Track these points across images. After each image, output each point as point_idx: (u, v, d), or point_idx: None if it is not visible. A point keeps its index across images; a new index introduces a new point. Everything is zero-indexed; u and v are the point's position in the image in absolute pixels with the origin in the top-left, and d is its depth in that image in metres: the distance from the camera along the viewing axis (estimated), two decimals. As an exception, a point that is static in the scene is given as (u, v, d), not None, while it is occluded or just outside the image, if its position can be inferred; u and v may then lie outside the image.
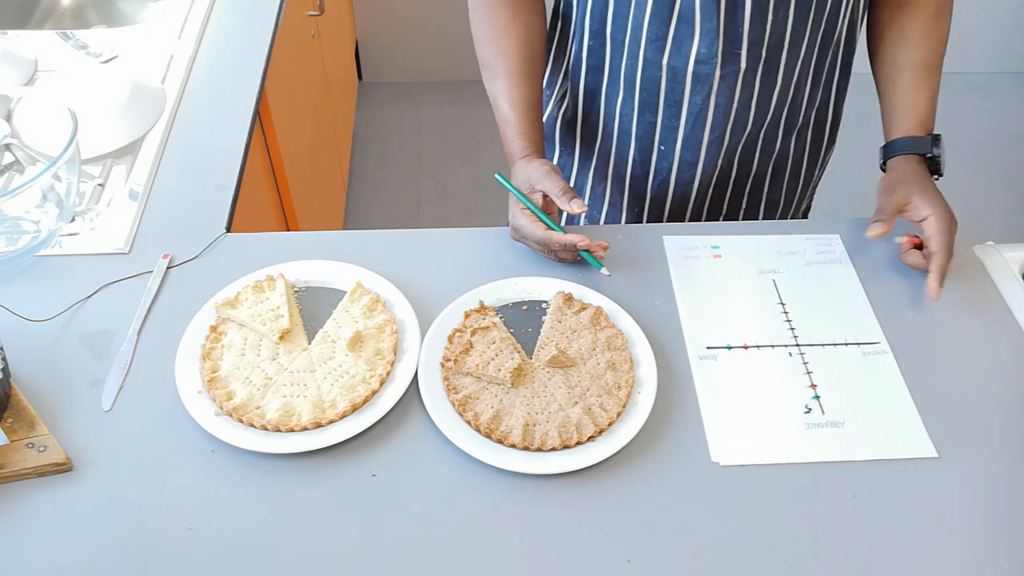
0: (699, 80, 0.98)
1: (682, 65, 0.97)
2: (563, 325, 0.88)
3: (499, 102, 0.99)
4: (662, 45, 0.97)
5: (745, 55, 0.96)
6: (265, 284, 0.90)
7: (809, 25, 0.96)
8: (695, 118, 1.02)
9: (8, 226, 0.96)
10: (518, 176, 0.94)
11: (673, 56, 0.97)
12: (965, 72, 2.84)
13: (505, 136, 0.99)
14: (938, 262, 0.90)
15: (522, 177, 0.94)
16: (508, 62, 0.99)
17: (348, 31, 2.61)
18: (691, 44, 0.95)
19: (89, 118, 1.05)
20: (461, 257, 0.97)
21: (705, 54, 0.95)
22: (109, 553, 0.70)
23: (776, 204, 1.19)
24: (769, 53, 0.97)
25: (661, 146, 1.07)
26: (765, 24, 0.94)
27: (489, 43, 1.01)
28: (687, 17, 0.93)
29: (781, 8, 0.93)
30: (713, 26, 0.93)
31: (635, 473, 0.77)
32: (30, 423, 0.77)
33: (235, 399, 0.80)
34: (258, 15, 1.34)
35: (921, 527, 0.74)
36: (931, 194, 0.94)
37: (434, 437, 0.79)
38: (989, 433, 0.81)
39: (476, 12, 1.03)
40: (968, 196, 2.52)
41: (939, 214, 0.91)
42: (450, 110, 2.78)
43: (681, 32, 0.95)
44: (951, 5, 1.01)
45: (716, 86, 0.98)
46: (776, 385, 0.85)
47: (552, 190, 0.91)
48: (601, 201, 1.16)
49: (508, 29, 1.00)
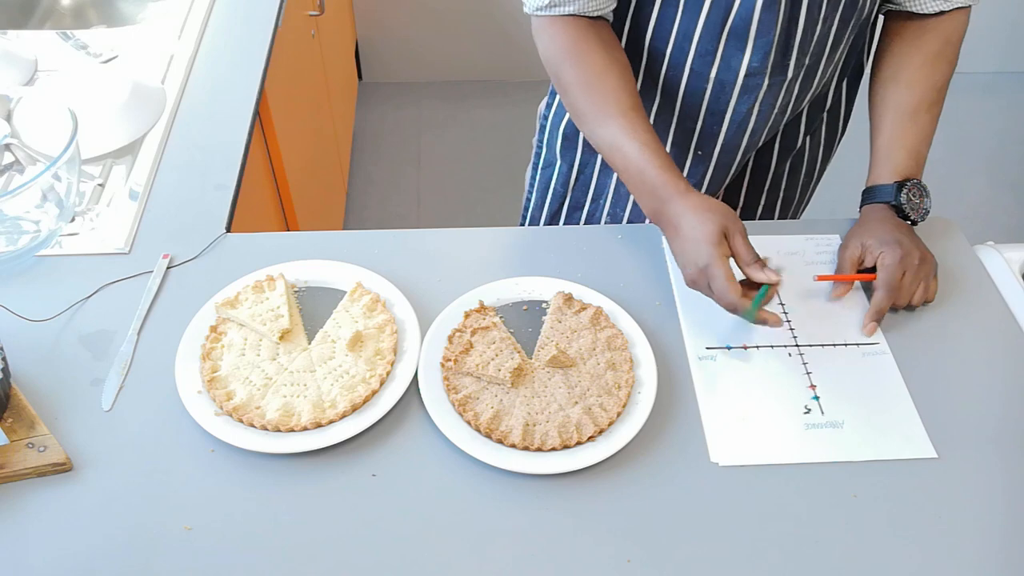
0: (747, 91, 0.97)
1: (731, 79, 0.96)
2: (563, 325, 0.88)
3: (621, 142, 0.88)
4: (711, 60, 0.96)
5: (793, 65, 0.96)
6: (265, 284, 0.90)
7: (848, 31, 0.97)
8: (737, 125, 1.02)
9: (8, 226, 0.96)
10: (699, 215, 0.83)
11: (722, 71, 0.96)
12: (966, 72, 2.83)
13: (643, 174, 0.87)
14: (875, 300, 0.88)
15: (705, 216, 0.83)
16: (620, 102, 0.90)
17: (348, 31, 2.61)
18: (742, 58, 0.94)
19: (89, 118, 1.05)
20: (461, 257, 0.97)
21: (757, 67, 0.95)
22: (109, 553, 0.70)
23: (791, 201, 1.19)
24: (812, 60, 0.97)
25: (698, 151, 1.07)
26: (814, 34, 0.94)
27: (589, 88, 0.91)
28: (739, 33, 0.92)
29: (829, 18, 0.93)
30: (768, 40, 0.92)
31: (635, 473, 0.77)
32: (30, 423, 0.77)
33: (235, 399, 0.80)
34: (258, 15, 1.34)
35: (921, 527, 0.74)
36: (888, 235, 0.90)
37: (434, 437, 0.79)
38: (989, 434, 0.81)
39: (565, 60, 0.93)
40: (968, 196, 2.52)
41: (890, 251, 0.88)
42: (450, 110, 2.78)
43: (731, 47, 0.94)
44: (957, 47, 0.98)
45: (762, 95, 0.98)
46: (776, 386, 0.85)
47: (743, 256, 0.83)
48: (626, 199, 1.16)
49: (609, 69, 0.91)
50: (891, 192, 0.93)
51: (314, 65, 1.90)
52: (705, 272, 0.81)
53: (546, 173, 1.20)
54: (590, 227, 1.11)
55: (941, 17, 0.96)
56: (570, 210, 1.21)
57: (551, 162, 1.19)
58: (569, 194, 1.19)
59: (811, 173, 1.18)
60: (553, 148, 1.18)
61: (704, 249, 0.81)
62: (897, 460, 0.79)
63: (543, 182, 1.22)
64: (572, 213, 1.21)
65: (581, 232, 1.03)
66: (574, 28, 0.92)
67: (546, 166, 1.20)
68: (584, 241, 0.99)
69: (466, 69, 2.85)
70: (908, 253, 0.89)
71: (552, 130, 1.17)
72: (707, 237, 0.81)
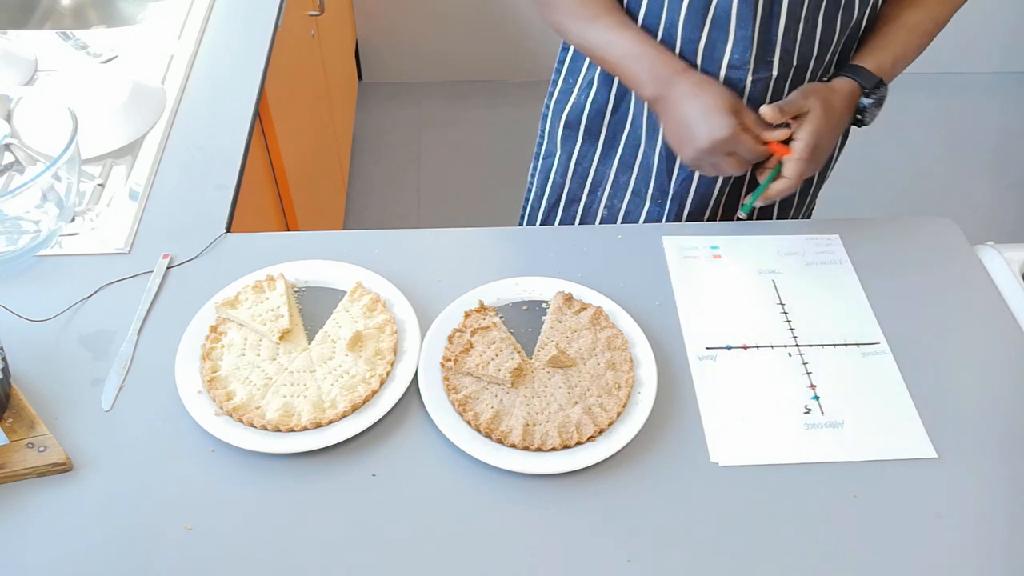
0: (731, 85, 0.97)
1: (714, 70, 0.97)
2: (563, 325, 0.88)
3: (614, 36, 0.93)
4: (695, 49, 0.97)
5: (777, 63, 0.96)
6: (265, 284, 0.90)
7: (836, 34, 0.97)
8: None
9: (8, 226, 0.96)
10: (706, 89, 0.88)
11: (706, 60, 0.97)
12: (967, 72, 2.83)
13: (642, 59, 0.92)
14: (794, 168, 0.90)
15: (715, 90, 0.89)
16: (600, 4, 0.95)
17: (348, 31, 2.61)
18: (724, 50, 0.95)
19: (89, 118, 1.05)
20: (461, 257, 0.97)
21: (738, 60, 0.95)
22: (109, 553, 0.70)
23: (790, 201, 1.19)
24: (799, 61, 0.97)
25: None
26: (797, 33, 0.95)
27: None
28: (721, 24, 0.93)
29: (811, 18, 0.94)
30: (748, 34, 0.93)
31: (635, 473, 0.77)
32: (30, 423, 0.77)
33: (235, 399, 0.80)
34: (258, 15, 1.34)
35: (921, 527, 0.74)
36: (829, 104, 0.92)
37: (434, 437, 0.79)
38: (989, 433, 0.81)
39: None
40: (968, 196, 2.52)
41: (815, 114, 0.90)
42: (450, 110, 2.78)
43: (714, 38, 0.95)
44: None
45: (747, 91, 0.98)
46: (776, 385, 0.85)
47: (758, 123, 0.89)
48: (624, 191, 1.16)
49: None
50: (870, 81, 0.96)
51: (314, 65, 1.90)
52: (725, 141, 0.86)
53: (546, 163, 1.22)
54: (590, 227, 1.11)
55: None
56: (567, 203, 1.21)
57: (551, 152, 1.20)
58: (567, 185, 1.20)
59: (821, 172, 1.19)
60: (554, 138, 1.19)
61: (722, 119, 0.86)
62: (897, 460, 0.79)
63: (543, 172, 1.23)
64: (569, 206, 1.22)
65: (581, 232, 1.03)
66: None
67: (547, 156, 1.21)
68: (584, 241, 0.99)
69: (466, 69, 2.85)
70: (829, 121, 0.91)
71: (554, 118, 1.17)
72: (725, 106, 0.87)
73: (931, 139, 2.64)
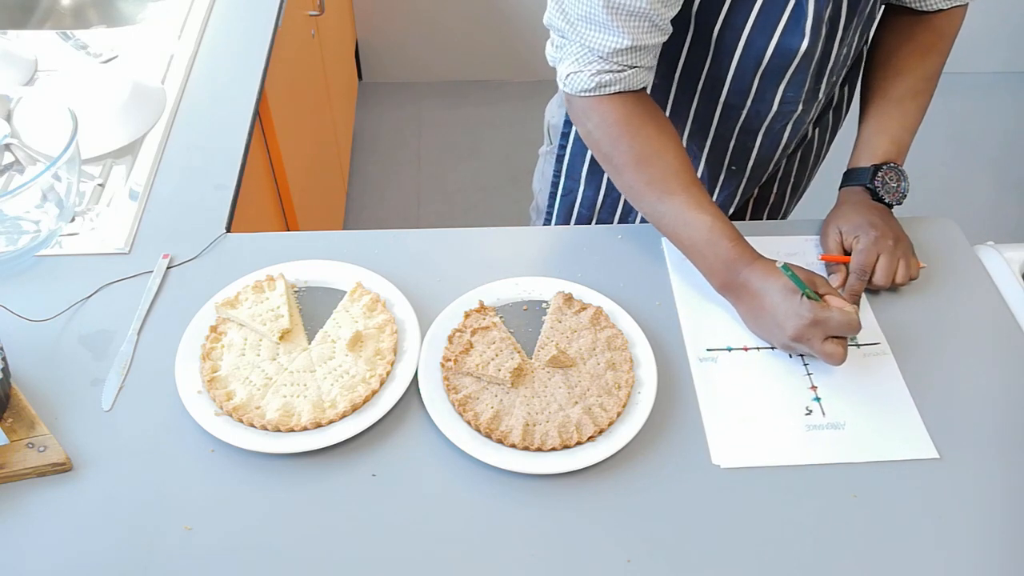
0: (781, 116, 0.99)
1: (765, 110, 0.98)
2: (563, 325, 0.87)
3: (689, 216, 0.87)
4: (744, 98, 0.97)
5: (824, 87, 0.98)
6: (265, 284, 0.90)
7: (862, 39, 0.99)
8: (771, 140, 1.03)
9: (8, 226, 0.95)
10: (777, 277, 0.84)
11: (756, 102, 0.97)
12: (969, 72, 2.83)
13: (716, 247, 0.87)
14: (849, 284, 0.89)
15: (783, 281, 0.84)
16: (680, 177, 0.89)
17: (348, 31, 2.61)
18: (775, 93, 0.96)
19: (89, 118, 1.05)
20: (461, 257, 0.97)
21: (792, 97, 0.96)
22: (109, 553, 0.70)
23: (799, 186, 1.22)
24: (834, 78, 1.00)
25: (732, 166, 1.08)
26: (844, 57, 0.96)
27: (648, 164, 0.89)
28: (774, 75, 0.94)
29: (855, 38, 0.95)
30: (803, 78, 0.94)
31: (635, 473, 0.77)
32: (30, 423, 0.77)
33: (235, 399, 0.80)
34: (258, 15, 1.34)
35: (923, 528, 0.74)
36: (860, 219, 0.91)
37: (434, 437, 0.79)
38: (990, 434, 0.81)
39: (621, 137, 0.90)
40: (968, 196, 2.52)
41: (863, 235, 0.89)
42: (450, 110, 2.78)
43: (764, 85, 0.95)
44: (950, 42, 0.99)
45: (797, 115, 0.99)
46: (776, 387, 0.85)
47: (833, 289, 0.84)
48: None
49: (666, 145, 0.90)
50: (866, 175, 0.94)
51: (314, 65, 1.90)
52: (815, 321, 0.80)
53: (567, 200, 1.19)
54: (590, 227, 1.11)
55: (938, 12, 0.98)
56: None
57: (572, 189, 1.17)
58: (595, 216, 1.18)
59: (817, 158, 1.21)
60: (576, 176, 1.15)
61: (803, 302, 0.81)
62: (899, 461, 0.79)
63: (564, 208, 1.20)
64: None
65: (581, 232, 1.03)
66: (622, 105, 0.89)
67: (566, 193, 1.18)
68: (584, 241, 0.99)
69: (466, 69, 2.85)
70: (882, 235, 0.89)
71: (573, 159, 1.14)
72: (796, 290, 0.82)
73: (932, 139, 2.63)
